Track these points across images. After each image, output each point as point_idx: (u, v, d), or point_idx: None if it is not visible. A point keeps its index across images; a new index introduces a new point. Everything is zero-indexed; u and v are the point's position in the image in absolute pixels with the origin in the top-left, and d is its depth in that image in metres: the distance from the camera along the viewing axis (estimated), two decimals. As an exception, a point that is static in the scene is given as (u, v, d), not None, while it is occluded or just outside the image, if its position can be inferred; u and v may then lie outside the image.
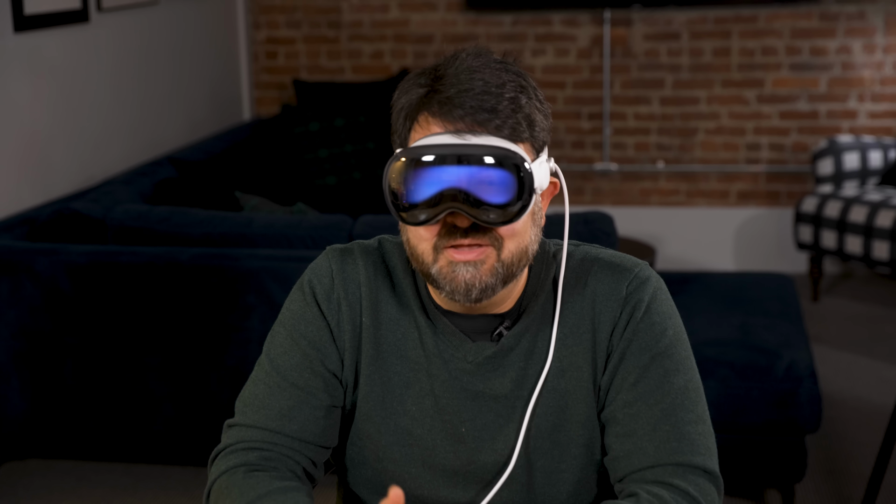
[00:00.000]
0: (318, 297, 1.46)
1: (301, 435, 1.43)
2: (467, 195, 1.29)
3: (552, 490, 1.45)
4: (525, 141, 1.34)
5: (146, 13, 4.49)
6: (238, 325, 3.06)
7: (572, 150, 5.39)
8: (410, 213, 1.32)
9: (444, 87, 1.32)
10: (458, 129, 1.31)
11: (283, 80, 5.58)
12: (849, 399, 3.77)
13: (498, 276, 1.35)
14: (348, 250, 1.49)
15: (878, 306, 4.78)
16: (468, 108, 1.30)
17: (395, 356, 1.45)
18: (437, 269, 1.35)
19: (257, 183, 4.36)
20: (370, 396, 1.46)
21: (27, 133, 3.69)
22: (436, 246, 1.34)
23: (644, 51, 5.23)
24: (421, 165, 1.30)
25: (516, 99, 1.32)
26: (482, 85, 1.31)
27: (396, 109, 1.37)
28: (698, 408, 1.40)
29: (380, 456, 1.46)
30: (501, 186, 1.30)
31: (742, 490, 3.16)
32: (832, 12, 5.07)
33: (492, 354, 1.42)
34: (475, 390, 1.43)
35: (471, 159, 1.29)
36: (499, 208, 1.30)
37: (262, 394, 1.45)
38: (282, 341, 1.47)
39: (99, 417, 3.19)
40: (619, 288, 1.43)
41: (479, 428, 1.43)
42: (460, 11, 5.35)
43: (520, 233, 1.35)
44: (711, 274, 3.85)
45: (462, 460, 1.44)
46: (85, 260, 3.11)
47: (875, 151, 4.84)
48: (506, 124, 1.31)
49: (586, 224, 3.09)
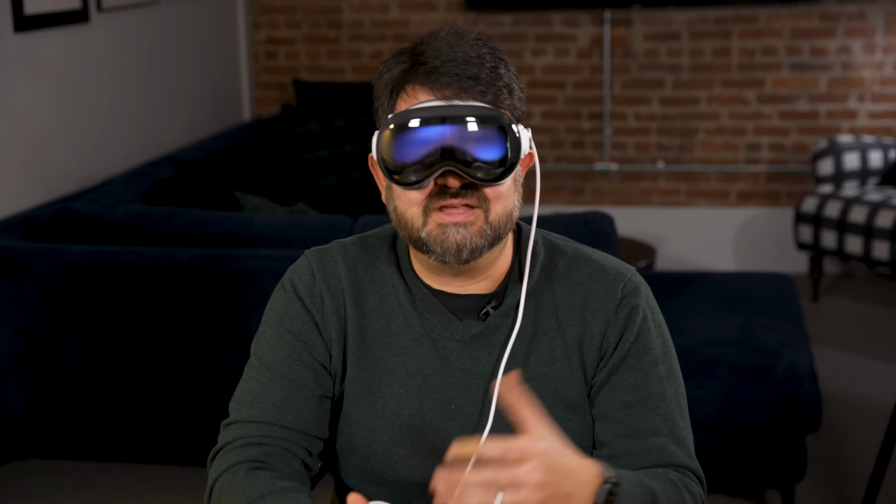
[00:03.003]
0: (300, 292, 1.50)
1: (297, 425, 1.46)
2: (457, 153, 1.34)
3: None
4: (507, 108, 1.40)
5: (146, 13, 4.49)
6: (238, 325, 3.06)
7: (572, 150, 5.39)
8: (403, 175, 1.37)
9: (428, 59, 1.38)
10: (445, 96, 1.37)
11: (283, 80, 5.58)
12: (849, 399, 3.77)
13: (487, 237, 1.39)
14: (326, 249, 1.54)
15: (878, 306, 4.78)
16: (453, 76, 1.36)
17: (380, 343, 1.49)
18: (427, 233, 1.39)
19: (257, 183, 4.36)
20: (357, 382, 1.49)
21: (27, 133, 3.69)
22: (426, 208, 1.39)
23: (644, 51, 5.23)
24: (413, 128, 1.36)
25: (496, 68, 1.39)
26: (464, 56, 1.38)
27: (380, 86, 1.42)
28: (686, 413, 1.48)
29: (369, 440, 1.48)
30: (490, 144, 1.36)
31: (742, 490, 3.16)
32: (832, 12, 5.07)
33: (478, 333, 1.46)
34: (463, 368, 1.47)
35: (459, 119, 1.35)
36: (489, 165, 1.36)
37: (253, 390, 1.48)
38: (268, 339, 1.50)
39: (99, 417, 3.19)
40: (615, 289, 1.48)
41: (468, 405, 1.47)
42: (460, 11, 5.35)
43: (505, 196, 1.40)
44: (711, 274, 3.85)
45: (453, 438, 1.46)
46: (85, 260, 3.11)
47: (875, 151, 4.84)
48: (489, 90, 1.37)
49: (586, 224, 3.09)
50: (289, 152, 4.83)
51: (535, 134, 5.39)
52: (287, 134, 4.86)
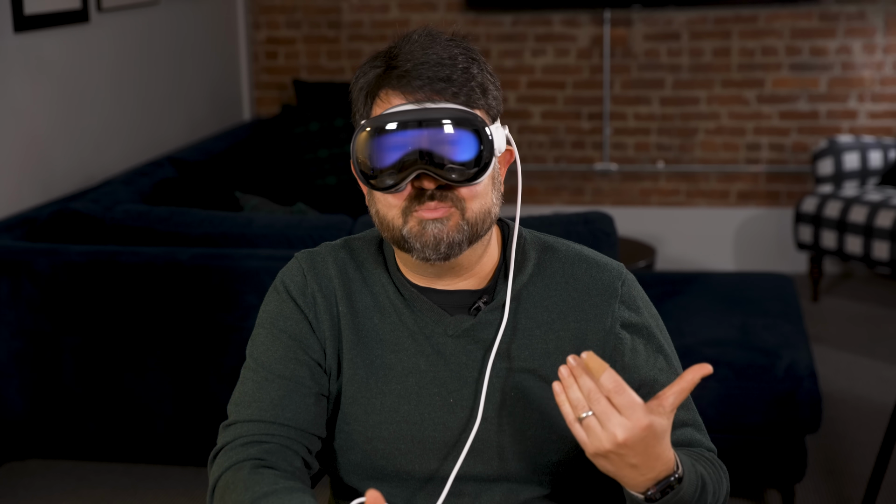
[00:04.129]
0: (293, 293, 1.52)
1: (295, 422, 1.47)
2: (431, 156, 1.37)
3: (539, 466, 1.50)
4: (481, 107, 1.42)
5: (146, 13, 4.49)
6: (238, 325, 3.06)
7: (572, 150, 5.39)
8: (379, 179, 1.39)
9: (401, 63, 1.40)
10: (417, 99, 1.39)
11: (283, 80, 5.58)
12: (849, 399, 3.77)
13: (464, 233, 1.42)
14: (315, 251, 1.57)
15: (878, 306, 4.78)
16: (425, 79, 1.38)
17: (376, 340, 1.50)
18: (408, 230, 1.42)
19: (257, 183, 4.36)
20: (354, 379, 1.50)
21: (27, 133, 3.69)
22: (404, 210, 1.41)
23: (644, 51, 5.23)
24: (386, 132, 1.38)
25: (468, 69, 1.41)
26: (436, 58, 1.40)
27: (356, 90, 1.45)
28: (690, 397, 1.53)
29: (369, 436, 1.49)
30: (463, 146, 1.38)
31: (742, 490, 3.16)
32: (832, 12, 5.07)
33: (470, 327, 1.49)
34: (459, 361, 1.49)
35: (432, 122, 1.37)
36: (462, 166, 1.38)
37: (251, 390, 1.49)
38: (263, 340, 1.52)
39: (99, 417, 3.19)
40: (613, 285, 1.52)
41: (466, 398, 1.48)
42: (460, 11, 5.35)
43: (481, 194, 1.42)
44: (711, 274, 3.85)
45: (453, 431, 1.48)
46: (85, 260, 3.11)
47: (875, 151, 4.84)
48: (461, 91, 1.39)
49: (586, 224, 3.09)
50: (289, 152, 4.83)
51: (534, 134, 5.40)
52: (287, 134, 4.86)
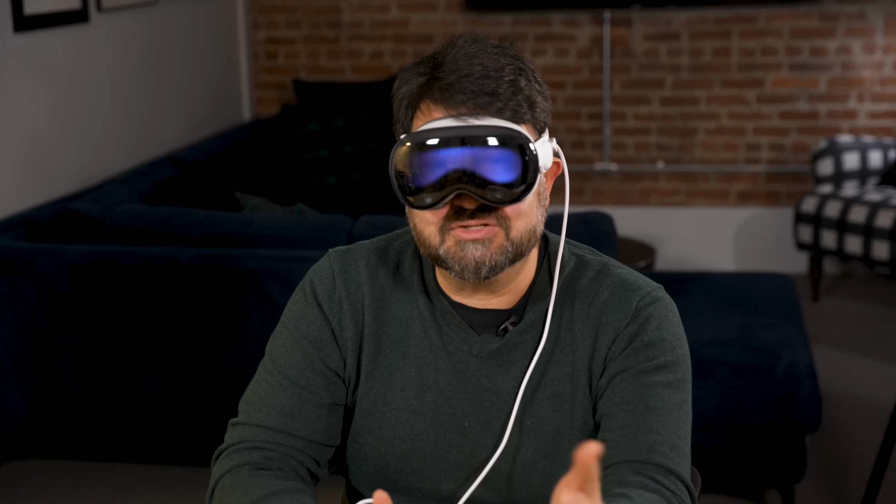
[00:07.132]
0: (319, 296, 1.47)
1: (303, 433, 1.44)
2: (473, 176, 1.30)
3: (546, 499, 1.44)
4: (527, 122, 1.35)
5: (146, 13, 4.49)
6: (238, 325, 3.06)
7: (572, 150, 5.39)
8: (417, 196, 1.33)
9: (444, 74, 1.33)
10: (460, 114, 1.31)
11: (283, 80, 5.58)
12: (849, 399, 3.77)
13: (507, 254, 1.36)
14: (349, 251, 1.51)
15: (878, 306, 4.78)
16: (469, 93, 1.31)
17: (397, 353, 1.46)
18: (445, 250, 1.36)
19: (257, 183, 4.36)
20: (371, 392, 1.47)
21: (27, 133, 3.69)
22: (442, 228, 1.35)
23: (644, 51, 5.23)
24: (426, 149, 1.31)
25: (516, 81, 1.33)
26: (481, 69, 1.32)
27: (398, 99, 1.38)
28: (688, 428, 1.41)
29: (382, 451, 1.47)
30: (506, 165, 1.31)
31: (742, 490, 3.15)
32: (832, 12, 5.07)
33: (496, 349, 1.43)
34: (479, 384, 1.44)
35: (474, 140, 1.30)
36: (505, 187, 1.31)
37: (264, 393, 1.46)
38: (283, 341, 1.48)
39: (99, 417, 3.19)
40: (630, 302, 1.43)
41: (481, 423, 1.44)
42: (460, 11, 5.35)
43: (526, 213, 1.36)
44: (711, 274, 3.85)
45: (465, 454, 1.44)
46: (85, 260, 3.11)
47: (875, 151, 4.84)
48: (507, 106, 1.32)
49: (586, 224, 3.09)
50: (289, 152, 4.83)
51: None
52: (287, 134, 4.86)
